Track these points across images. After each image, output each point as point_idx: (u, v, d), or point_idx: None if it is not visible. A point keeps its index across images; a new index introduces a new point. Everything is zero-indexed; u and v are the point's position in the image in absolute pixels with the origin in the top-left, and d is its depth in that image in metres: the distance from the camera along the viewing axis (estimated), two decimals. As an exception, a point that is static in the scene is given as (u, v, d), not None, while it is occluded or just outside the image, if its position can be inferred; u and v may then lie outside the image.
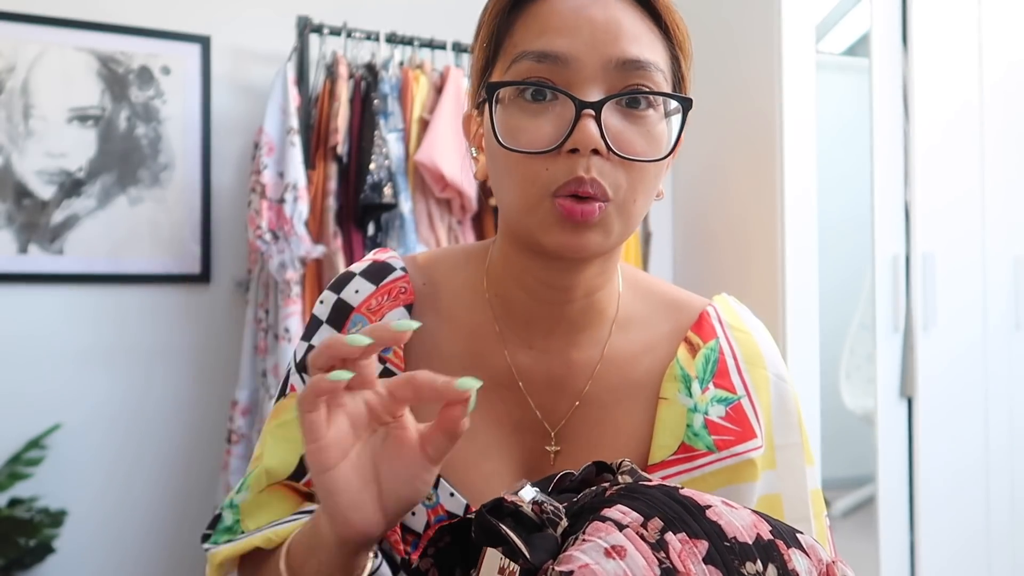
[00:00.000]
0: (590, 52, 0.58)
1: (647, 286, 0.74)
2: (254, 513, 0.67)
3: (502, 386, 0.68)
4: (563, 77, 0.58)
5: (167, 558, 2.24)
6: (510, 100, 0.60)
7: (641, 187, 0.60)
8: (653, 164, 0.60)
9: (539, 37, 0.59)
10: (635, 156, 0.59)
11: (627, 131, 0.59)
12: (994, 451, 2.14)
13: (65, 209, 2.17)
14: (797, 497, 0.69)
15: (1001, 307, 2.16)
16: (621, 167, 0.59)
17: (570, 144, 0.57)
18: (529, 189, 0.59)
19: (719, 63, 2.33)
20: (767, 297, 2.09)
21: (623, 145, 0.58)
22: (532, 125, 0.59)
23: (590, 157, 0.57)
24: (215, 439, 2.25)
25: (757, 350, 0.71)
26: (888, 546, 2.05)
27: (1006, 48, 2.18)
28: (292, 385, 0.70)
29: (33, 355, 2.14)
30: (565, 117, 0.58)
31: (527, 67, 0.59)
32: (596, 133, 0.57)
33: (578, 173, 0.57)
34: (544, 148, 0.58)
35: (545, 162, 0.58)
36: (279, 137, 2.02)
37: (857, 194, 2.39)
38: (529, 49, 0.59)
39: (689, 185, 2.51)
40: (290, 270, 1.96)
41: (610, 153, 0.58)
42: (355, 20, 2.17)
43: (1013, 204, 2.18)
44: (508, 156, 0.59)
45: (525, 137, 0.59)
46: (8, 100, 2.12)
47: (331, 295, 0.71)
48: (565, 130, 0.57)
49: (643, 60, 0.59)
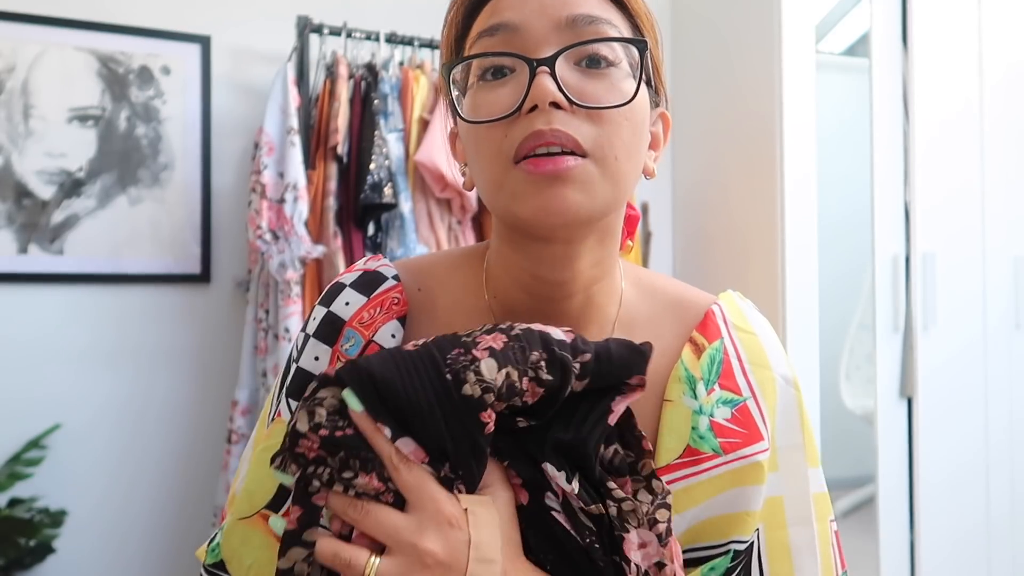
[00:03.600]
0: (539, 16, 0.58)
1: (650, 284, 0.72)
2: (240, 551, 0.63)
3: None
4: (515, 45, 0.58)
5: (167, 558, 2.24)
6: (473, 85, 0.60)
7: (618, 140, 0.58)
8: (627, 119, 0.59)
9: (491, 15, 0.60)
10: (598, 104, 0.57)
11: (589, 85, 0.58)
12: (994, 451, 2.14)
13: (65, 209, 2.17)
14: (798, 498, 0.67)
15: (1001, 307, 2.16)
16: (588, 119, 0.57)
17: (528, 103, 0.56)
18: (495, 162, 0.58)
19: (719, 63, 2.33)
20: (767, 297, 2.09)
21: (585, 96, 0.57)
22: (492, 97, 0.58)
23: (551, 112, 0.56)
24: (215, 439, 2.25)
25: (762, 351, 0.69)
26: (888, 546, 2.05)
27: (1006, 48, 2.18)
28: (279, 411, 0.67)
29: (33, 355, 2.14)
30: (522, 81, 0.57)
31: (481, 44, 0.59)
32: (552, 86, 0.56)
33: (536, 127, 0.56)
34: (503, 114, 0.57)
35: (505, 128, 0.57)
36: (279, 137, 2.02)
37: (857, 194, 2.39)
38: (482, 28, 0.60)
39: (689, 185, 2.51)
40: (290, 270, 1.96)
41: (573, 107, 0.56)
42: (355, 20, 2.17)
43: (1013, 204, 2.18)
44: (476, 138, 0.59)
45: (486, 109, 0.58)
46: (8, 100, 2.12)
47: (321, 309, 0.68)
48: (522, 92, 0.57)
49: (591, 15, 0.58)
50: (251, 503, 0.64)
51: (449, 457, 0.53)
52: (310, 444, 0.52)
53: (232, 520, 0.65)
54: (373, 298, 0.67)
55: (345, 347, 0.65)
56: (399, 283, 0.68)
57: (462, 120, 0.60)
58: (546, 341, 0.55)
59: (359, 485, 0.52)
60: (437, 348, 0.54)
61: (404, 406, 0.52)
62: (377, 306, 0.67)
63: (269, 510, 0.63)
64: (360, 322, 0.66)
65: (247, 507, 0.64)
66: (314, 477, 0.52)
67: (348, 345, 0.65)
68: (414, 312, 0.68)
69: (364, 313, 0.66)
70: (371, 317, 0.66)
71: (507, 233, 0.64)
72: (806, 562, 0.64)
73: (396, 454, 0.53)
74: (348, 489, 0.52)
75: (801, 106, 2.06)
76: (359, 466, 0.52)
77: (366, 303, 0.67)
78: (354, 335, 0.65)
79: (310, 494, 0.53)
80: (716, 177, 2.36)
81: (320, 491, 0.53)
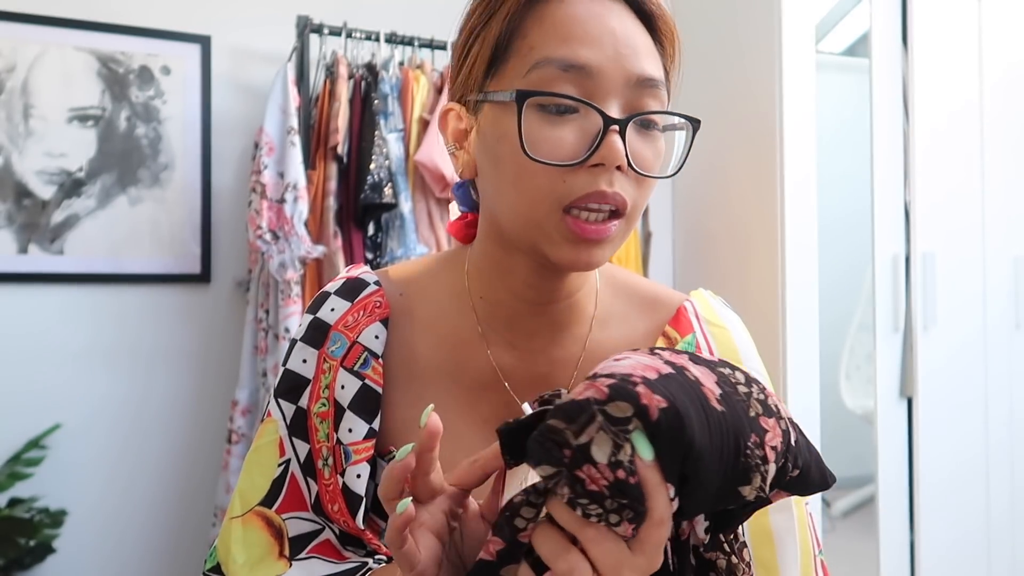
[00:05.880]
0: (613, 66, 0.59)
1: (625, 283, 0.76)
2: (234, 550, 0.66)
3: (487, 387, 0.69)
4: (586, 88, 0.58)
5: (167, 558, 2.24)
6: (531, 110, 0.59)
7: (644, 201, 0.62)
8: (655, 179, 0.62)
9: (562, 44, 0.59)
10: (651, 173, 0.61)
11: (643, 148, 0.60)
12: (994, 451, 2.14)
13: (65, 209, 2.17)
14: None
15: (1001, 307, 2.16)
16: (635, 182, 0.60)
17: (596, 159, 0.58)
18: (539, 202, 0.59)
19: (719, 63, 2.33)
20: (767, 297, 2.09)
21: (641, 162, 0.60)
22: (554, 136, 0.58)
23: (614, 173, 0.58)
24: (215, 439, 2.25)
25: (732, 345, 0.72)
26: (888, 546, 2.05)
27: (1006, 48, 2.18)
28: (269, 411, 0.70)
29: (33, 355, 2.14)
30: (589, 131, 0.58)
31: (552, 75, 0.58)
32: (622, 149, 0.57)
33: (600, 187, 0.58)
34: (568, 160, 0.58)
35: (564, 174, 0.58)
36: (279, 137, 2.02)
37: (857, 194, 2.39)
38: (553, 56, 0.58)
39: (689, 185, 2.52)
40: (290, 270, 1.96)
41: (629, 169, 0.59)
42: (355, 20, 2.17)
43: (1013, 204, 2.18)
44: (520, 164, 0.59)
45: (546, 147, 0.58)
46: (8, 100, 2.12)
47: (308, 316, 0.71)
48: (588, 143, 0.58)
49: (655, 79, 0.61)
50: (244, 502, 0.67)
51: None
52: (598, 477, 0.44)
53: (226, 521, 0.67)
54: (356, 303, 0.70)
55: (331, 349, 0.69)
56: (380, 288, 0.71)
57: (522, 151, 0.58)
58: (799, 448, 0.52)
59: (617, 532, 0.46)
60: (736, 425, 0.47)
61: (695, 476, 0.46)
62: (360, 309, 0.70)
63: (263, 506, 0.67)
64: (345, 325, 0.69)
65: (239, 507, 0.67)
66: (556, 509, 0.46)
67: (334, 347, 0.69)
68: (396, 315, 0.71)
69: (348, 317, 0.70)
70: (355, 320, 0.69)
71: (508, 244, 0.66)
72: (788, 546, 0.66)
73: (667, 512, 0.47)
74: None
75: (801, 106, 2.06)
76: (630, 517, 0.45)
77: (350, 308, 0.70)
78: (340, 338, 0.69)
79: (516, 529, 0.47)
80: (716, 177, 2.36)
81: (527, 528, 0.47)
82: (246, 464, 0.70)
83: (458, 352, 0.70)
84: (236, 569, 0.65)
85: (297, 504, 0.67)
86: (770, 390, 0.52)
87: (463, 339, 0.70)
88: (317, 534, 0.67)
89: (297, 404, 0.69)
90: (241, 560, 0.65)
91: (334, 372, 0.68)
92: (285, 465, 0.68)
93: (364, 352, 0.68)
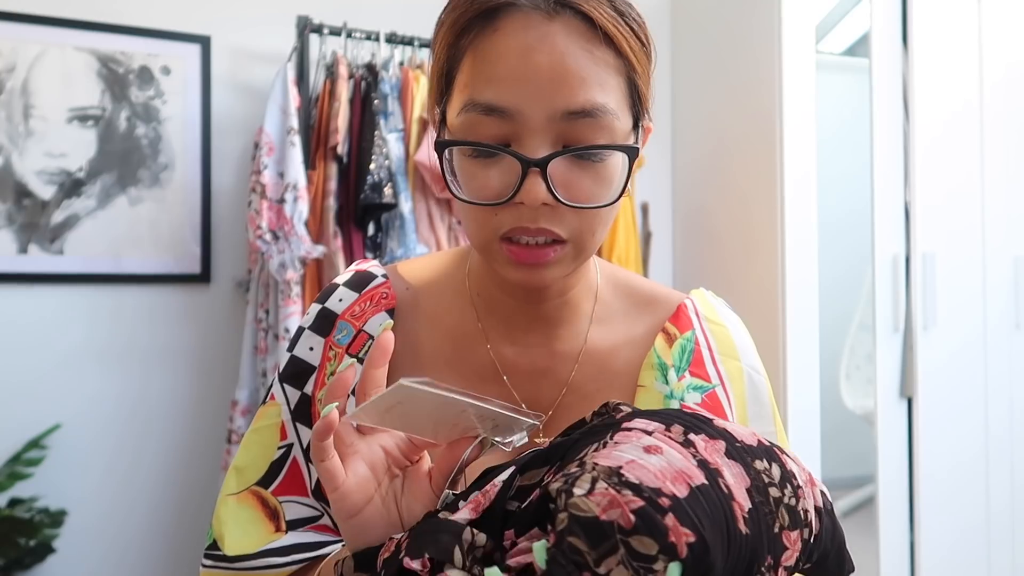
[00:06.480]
0: (535, 105, 0.58)
1: (625, 282, 0.77)
2: (228, 524, 0.68)
3: (487, 380, 0.71)
4: (509, 129, 0.59)
5: (167, 558, 2.24)
6: (462, 154, 0.61)
7: (598, 223, 0.62)
8: (608, 208, 0.62)
9: (486, 86, 0.59)
10: (585, 203, 0.60)
11: (578, 179, 0.60)
12: (994, 450, 2.14)
13: (65, 209, 2.17)
14: None
15: (1001, 307, 2.16)
16: (575, 212, 0.60)
17: (518, 199, 0.59)
18: (482, 231, 0.62)
19: (720, 63, 2.33)
20: (767, 297, 2.09)
21: (573, 194, 0.59)
22: (482, 175, 0.60)
23: (538, 209, 0.59)
24: (215, 439, 2.25)
25: (731, 342, 0.74)
26: (888, 546, 2.05)
27: (1006, 48, 2.18)
28: (272, 394, 0.72)
29: (33, 355, 2.14)
30: (512, 171, 0.59)
31: (475, 119, 0.59)
32: (542, 189, 0.58)
33: (522, 223, 0.59)
34: (494, 200, 0.60)
35: (494, 210, 0.60)
36: (279, 137, 2.02)
37: (857, 194, 2.39)
38: (478, 100, 0.59)
39: (689, 185, 2.52)
40: (290, 270, 1.96)
41: (558, 204, 0.59)
42: (355, 20, 2.17)
43: (1013, 204, 2.18)
44: (464, 204, 0.62)
45: (475, 185, 0.60)
46: (8, 100, 2.12)
47: (316, 306, 0.74)
48: (512, 183, 0.59)
49: (589, 107, 0.58)
50: (240, 480, 0.69)
51: None
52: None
53: (221, 497, 0.69)
54: (364, 294, 0.73)
55: (337, 337, 0.71)
56: (387, 280, 0.74)
57: (453, 193, 0.62)
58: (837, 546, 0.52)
59: None
60: (755, 547, 0.46)
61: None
62: (367, 300, 0.72)
63: (259, 487, 0.68)
64: (352, 315, 0.72)
65: (235, 484, 0.69)
66: None
67: (340, 335, 0.71)
68: (402, 307, 0.73)
69: (356, 307, 0.72)
70: (362, 310, 0.72)
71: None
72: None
73: None
74: None
75: (801, 106, 2.07)
76: None
77: (357, 298, 0.73)
78: (346, 327, 0.71)
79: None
80: (716, 177, 2.36)
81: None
82: (245, 442, 0.71)
83: (460, 345, 0.72)
84: (229, 546, 0.66)
85: (296, 488, 0.69)
86: (804, 489, 0.50)
87: (464, 333, 0.72)
88: (315, 519, 0.69)
89: (302, 390, 0.71)
90: (234, 537, 0.67)
91: (339, 360, 0.70)
92: (286, 449, 0.70)
93: (369, 340, 0.70)
